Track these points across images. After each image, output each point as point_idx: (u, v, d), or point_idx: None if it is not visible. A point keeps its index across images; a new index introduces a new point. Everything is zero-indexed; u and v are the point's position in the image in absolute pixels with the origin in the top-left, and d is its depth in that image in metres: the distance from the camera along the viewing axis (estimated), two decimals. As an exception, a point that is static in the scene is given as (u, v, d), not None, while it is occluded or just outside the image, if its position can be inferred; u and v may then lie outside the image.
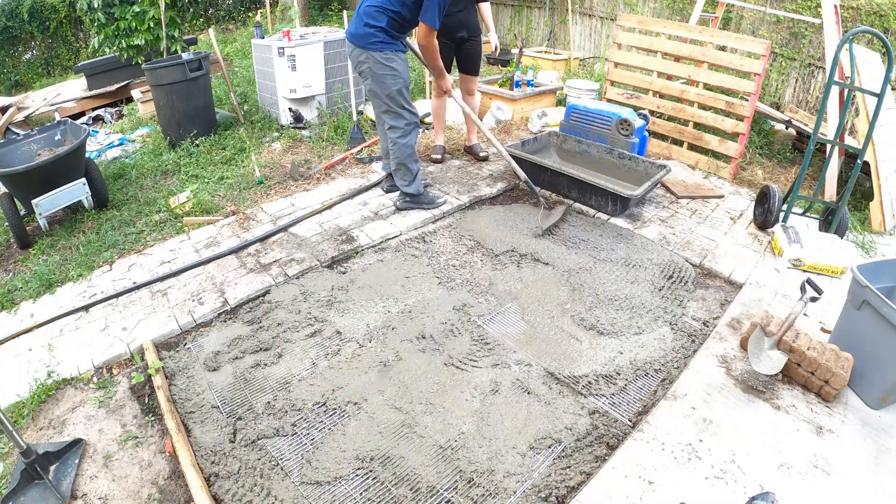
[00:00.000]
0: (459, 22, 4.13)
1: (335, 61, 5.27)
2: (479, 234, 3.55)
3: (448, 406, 2.26)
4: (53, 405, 2.36)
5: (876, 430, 2.14)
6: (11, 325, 2.89)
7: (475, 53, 4.34)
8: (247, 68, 7.57)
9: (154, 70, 4.73)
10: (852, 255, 3.41)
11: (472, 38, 4.26)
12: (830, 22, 4.23)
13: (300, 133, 5.26)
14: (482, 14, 4.38)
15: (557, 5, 8.19)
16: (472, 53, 4.33)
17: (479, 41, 4.32)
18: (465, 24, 4.17)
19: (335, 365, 2.49)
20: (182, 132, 4.91)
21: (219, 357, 2.55)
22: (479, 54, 4.38)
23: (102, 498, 1.96)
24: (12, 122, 6.52)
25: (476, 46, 4.32)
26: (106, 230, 3.72)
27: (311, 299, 2.93)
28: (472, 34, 4.24)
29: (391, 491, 1.92)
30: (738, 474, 1.93)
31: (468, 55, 4.34)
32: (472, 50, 4.32)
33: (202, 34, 10.79)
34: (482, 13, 4.38)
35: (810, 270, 3.19)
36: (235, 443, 2.12)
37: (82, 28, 10.74)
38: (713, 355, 2.47)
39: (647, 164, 3.97)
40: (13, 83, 10.51)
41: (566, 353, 2.56)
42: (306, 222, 3.69)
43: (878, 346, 2.20)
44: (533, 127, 5.36)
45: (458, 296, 2.95)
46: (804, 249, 3.24)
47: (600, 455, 2.06)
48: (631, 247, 3.42)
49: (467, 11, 4.17)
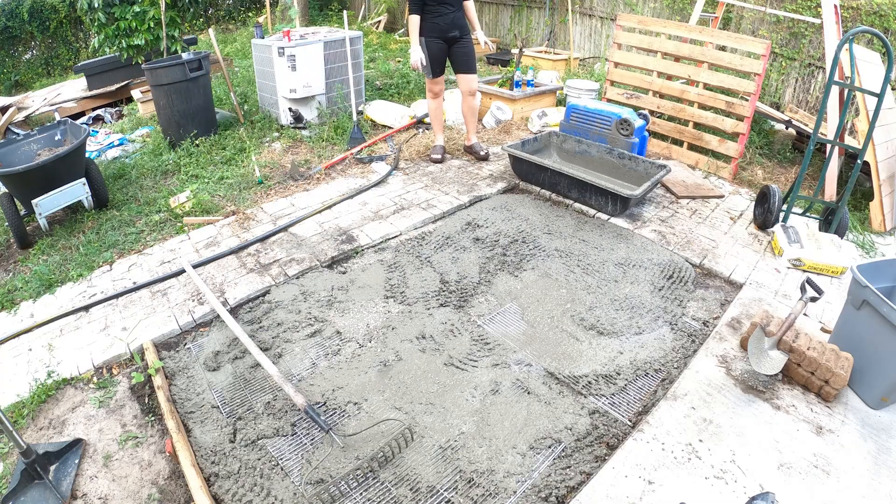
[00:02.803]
0: (451, 22, 4.18)
1: (335, 61, 5.27)
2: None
3: (448, 406, 2.26)
4: (53, 405, 2.36)
5: (876, 430, 2.14)
6: (11, 325, 2.89)
7: (469, 51, 4.38)
8: (247, 68, 7.58)
9: (154, 70, 4.73)
10: (852, 254, 3.42)
11: (464, 37, 4.32)
12: (830, 22, 4.23)
13: (300, 133, 5.26)
14: (467, 13, 4.42)
15: (557, 5, 8.19)
16: (466, 52, 4.36)
17: (470, 39, 4.38)
18: (457, 24, 4.23)
19: (335, 365, 2.49)
20: (182, 132, 4.91)
21: (219, 357, 2.55)
22: (473, 52, 4.41)
23: (102, 498, 1.96)
24: (12, 122, 6.52)
25: (469, 44, 4.36)
26: (106, 230, 3.72)
27: (311, 299, 2.93)
28: (463, 33, 4.30)
29: (391, 491, 1.92)
30: (738, 474, 1.93)
31: (463, 54, 4.37)
32: (465, 48, 4.35)
33: (202, 34, 10.79)
34: (467, 12, 4.41)
35: (810, 270, 3.19)
36: (235, 443, 2.12)
37: (82, 28, 10.74)
38: (713, 355, 2.47)
39: (647, 164, 3.97)
40: (13, 83, 10.51)
41: (566, 353, 2.56)
42: (307, 222, 3.69)
43: (878, 346, 2.20)
44: (533, 127, 5.37)
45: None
46: (804, 249, 3.24)
47: (600, 455, 2.06)
48: (631, 247, 3.41)
49: (458, 11, 4.24)
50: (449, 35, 4.24)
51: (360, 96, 5.48)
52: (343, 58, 5.25)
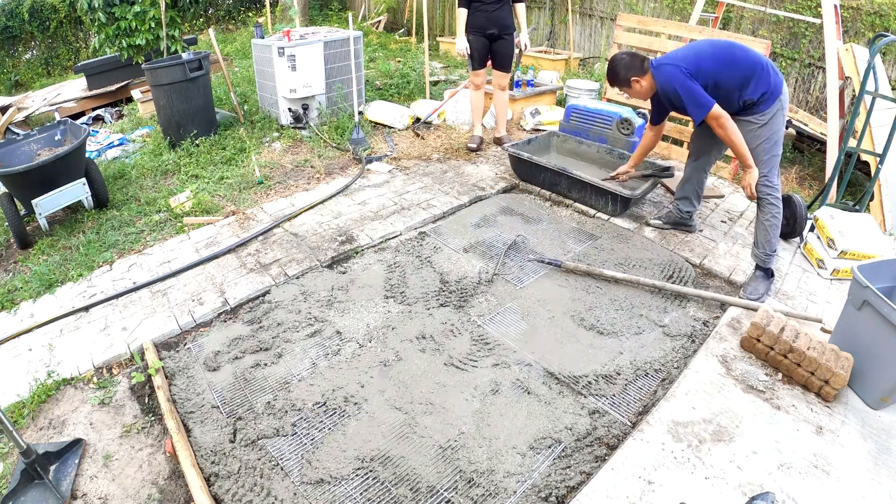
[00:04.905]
0: (490, 19, 4.30)
1: (335, 61, 5.26)
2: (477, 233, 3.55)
3: (448, 406, 2.26)
4: (53, 405, 2.36)
5: (876, 430, 2.14)
6: (11, 325, 2.89)
7: (507, 51, 4.51)
8: (247, 68, 7.58)
9: (154, 70, 4.73)
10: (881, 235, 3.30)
11: (504, 37, 4.42)
12: (830, 22, 4.23)
13: (300, 133, 5.26)
14: (517, 13, 4.52)
15: (557, 5, 8.19)
16: (503, 51, 4.50)
17: (511, 39, 4.48)
18: (497, 22, 4.34)
19: (335, 365, 2.49)
20: (182, 132, 4.91)
21: (219, 357, 2.55)
22: (510, 52, 4.55)
23: (102, 498, 1.96)
24: (12, 122, 6.52)
25: (507, 45, 4.48)
26: (106, 230, 3.72)
27: (311, 299, 2.92)
28: (503, 32, 4.40)
29: (391, 491, 1.92)
30: (737, 474, 1.93)
31: (499, 52, 4.51)
32: (503, 48, 4.48)
33: (202, 34, 10.79)
34: (517, 12, 4.52)
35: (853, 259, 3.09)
36: (235, 443, 2.12)
37: (82, 28, 10.74)
38: (713, 355, 2.47)
39: (647, 165, 3.97)
40: (13, 83, 10.51)
41: (566, 353, 2.56)
42: (307, 222, 3.69)
43: (878, 346, 2.20)
44: (526, 125, 5.36)
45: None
46: (845, 238, 3.13)
47: (600, 455, 2.06)
48: (631, 247, 3.42)
49: (502, 10, 4.34)
50: (487, 32, 4.36)
51: (361, 96, 5.48)
52: (343, 58, 5.24)
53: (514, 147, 4.17)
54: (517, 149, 4.14)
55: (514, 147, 4.16)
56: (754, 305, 2.75)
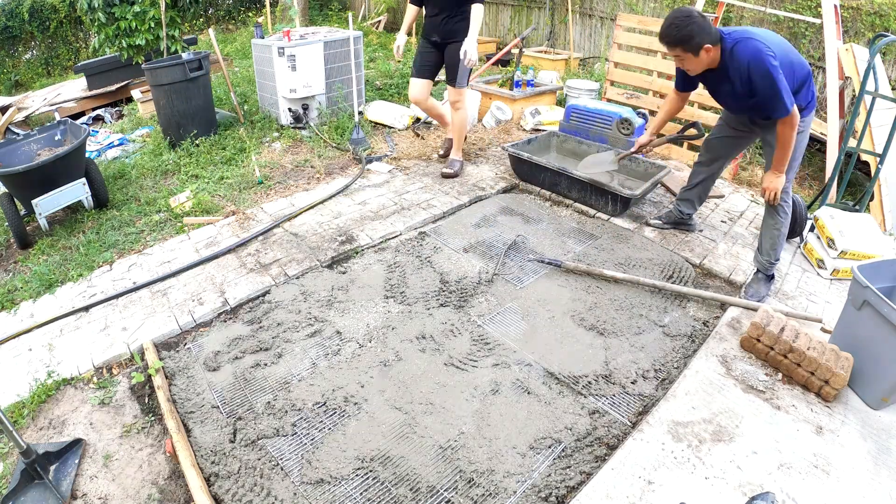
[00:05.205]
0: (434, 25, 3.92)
1: (335, 61, 5.27)
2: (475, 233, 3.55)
3: (448, 406, 2.26)
4: (53, 405, 2.36)
5: (876, 430, 2.14)
6: (11, 325, 2.89)
7: (453, 61, 3.94)
8: (247, 68, 7.57)
9: (154, 70, 4.72)
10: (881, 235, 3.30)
11: (450, 44, 3.91)
12: (830, 22, 4.23)
13: (300, 133, 5.26)
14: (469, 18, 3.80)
15: (557, 5, 8.19)
16: (449, 61, 3.99)
17: (458, 48, 3.83)
18: (440, 29, 3.89)
19: (335, 365, 2.49)
20: (182, 132, 4.91)
21: (219, 357, 2.55)
22: (456, 62, 3.90)
23: (102, 498, 1.96)
24: (12, 122, 6.52)
25: (454, 54, 3.89)
26: (106, 230, 3.72)
27: (311, 299, 2.92)
28: (447, 40, 3.91)
29: (391, 491, 1.92)
30: (737, 474, 1.93)
31: (447, 62, 4.02)
32: (450, 58, 3.96)
33: (202, 34, 10.79)
34: (469, 17, 3.80)
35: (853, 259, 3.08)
36: (235, 443, 2.12)
37: (82, 28, 10.74)
38: (713, 355, 2.47)
39: (647, 164, 3.98)
40: (13, 83, 10.51)
41: (566, 353, 2.56)
42: (307, 222, 3.69)
43: (878, 346, 2.20)
44: (526, 125, 5.36)
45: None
46: (845, 238, 3.11)
47: (600, 455, 2.06)
48: (631, 247, 3.42)
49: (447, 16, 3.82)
50: (432, 39, 3.99)
51: (361, 96, 5.48)
52: (343, 58, 5.24)
53: (515, 147, 4.17)
54: (517, 149, 4.15)
55: (514, 147, 4.16)
56: (754, 305, 2.75)
